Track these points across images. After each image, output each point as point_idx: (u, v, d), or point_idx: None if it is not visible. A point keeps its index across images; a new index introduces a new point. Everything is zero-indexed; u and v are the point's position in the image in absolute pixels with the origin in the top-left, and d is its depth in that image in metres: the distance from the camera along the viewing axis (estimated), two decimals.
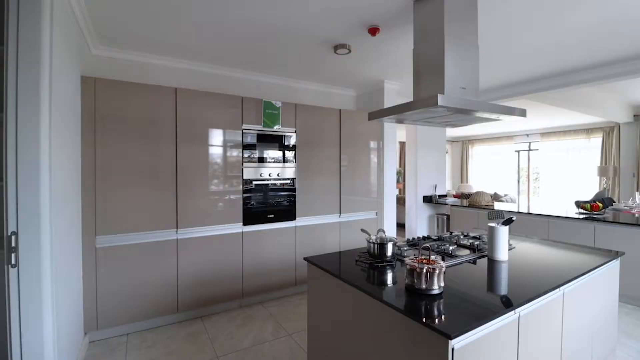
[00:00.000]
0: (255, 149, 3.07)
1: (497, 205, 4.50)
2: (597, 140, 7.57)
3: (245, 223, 3.01)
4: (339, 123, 3.61)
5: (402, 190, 8.23)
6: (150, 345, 2.42)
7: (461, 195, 6.89)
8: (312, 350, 1.82)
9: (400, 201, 6.70)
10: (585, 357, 1.72)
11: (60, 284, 1.78)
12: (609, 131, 7.26)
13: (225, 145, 2.93)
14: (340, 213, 3.61)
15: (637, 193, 4.86)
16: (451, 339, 1.02)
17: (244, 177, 3.00)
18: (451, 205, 4.71)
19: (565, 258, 1.89)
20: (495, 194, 7.24)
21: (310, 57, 3.23)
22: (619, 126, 6.87)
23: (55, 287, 1.67)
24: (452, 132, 9.63)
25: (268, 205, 3.15)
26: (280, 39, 2.79)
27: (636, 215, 3.66)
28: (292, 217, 3.27)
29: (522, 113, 2.07)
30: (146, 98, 2.59)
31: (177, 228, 2.70)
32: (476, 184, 10.24)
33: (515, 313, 1.26)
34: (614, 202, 5.42)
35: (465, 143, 10.70)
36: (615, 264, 1.97)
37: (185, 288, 2.76)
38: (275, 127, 3.19)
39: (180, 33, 2.66)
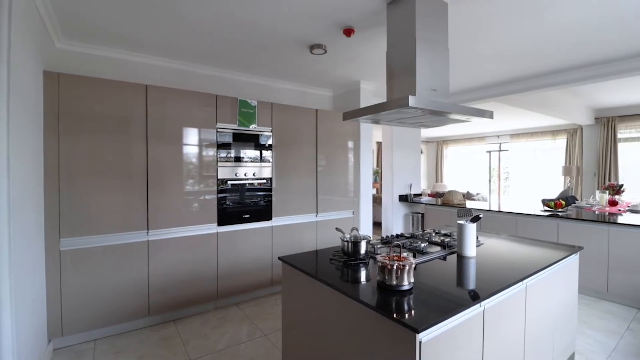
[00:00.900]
0: (230, 149, 3.03)
1: (469, 204, 4.66)
2: (562, 142, 7.99)
3: (220, 223, 2.96)
4: (316, 123, 3.62)
5: (379, 190, 8.36)
6: (120, 351, 2.34)
7: (436, 194, 7.08)
8: (287, 350, 1.82)
9: (377, 200, 6.81)
10: (547, 346, 1.81)
11: (20, 289, 1.69)
12: (573, 133, 7.68)
13: (198, 145, 2.87)
14: (317, 212, 3.63)
15: (597, 191, 5.17)
16: (418, 333, 1.05)
17: (219, 177, 2.96)
18: (425, 204, 4.84)
19: (529, 253, 1.99)
20: (468, 192, 7.49)
21: (286, 56, 3.22)
22: (582, 128, 7.29)
23: (14, 292, 1.58)
24: (427, 132, 9.89)
25: (244, 205, 3.11)
26: (256, 38, 2.77)
27: (596, 212, 3.90)
28: (268, 217, 3.25)
29: (490, 115, 2.16)
30: (115, 95, 2.49)
31: (148, 229, 2.62)
32: (450, 183, 10.56)
33: (480, 306, 1.32)
34: (577, 200, 5.74)
35: (439, 143, 11.00)
36: (574, 258, 2.08)
37: (157, 291, 2.68)
38: (251, 127, 3.16)
39: (152, 30, 2.58)
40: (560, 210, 3.80)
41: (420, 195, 5.40)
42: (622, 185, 4.99)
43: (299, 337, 1.70)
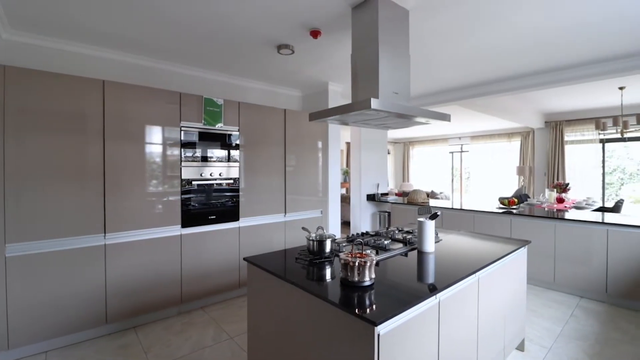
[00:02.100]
0: (195, 148, 2.95)
1: (433, 202, 4.87)
2: (516, 143, 8.56)
3: (185, 225, 2.88)
4: (284, 123, 3.62)
5: (348, 189, 8.49)
6: None
7: (402, 194, 7.32)
8: (253, 351, 1.81)
9: (347, 200, 6.92)
10: (499, 334, 1.95)
11: None
12: (526, 135, 8.25)
13: (161, 144, 2.77)
14: (285, 212, 3.62)
15: (546, 190, 5.59)
16: (376, 326, 1.10)
17: (183, 177, 2.87)
18: (392, 203, 4.99)
19: (483, 247, 2.13)
20: (432, 191, 7.81)
21: (253, 55, 3.20)
22: (534, 131, 7.85)
23: None
24: (394, 133, 10.19)
25: (210, 206, 3.05)
26: (222, 36, 2.72)
27: (546, 209, 4.22)
28: (235, 217, 3.20)
29: (448, 118, 2.28)
30: (68, 90, 2.35)
31: (105, 232, 2.49)
32: (416, 182, 10.95)
33: (436, 298, 1.39)
34: (529, 197, 6.17)
35: (406, 144, 11.37)
36: (523, 251, 2.25)
37: (116, 297, 2.55)
38: (218, 126, 3.10)
39: (107, 21, 2.47)
40: (513, 207, 4.07)
41: (387, 194, 5.55)
42: (568, 184, 5.44)
43: (265, 338, 1.70)
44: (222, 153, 3.13)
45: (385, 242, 2.08)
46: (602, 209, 5.39)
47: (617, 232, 3.03)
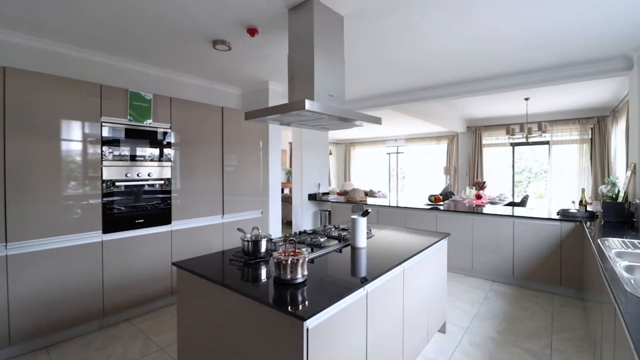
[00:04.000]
0: (119, 146, 2.71)
1: (371, 200, 5.12)
2: (444, 146, 9.39)
3: (107, 230, 2.63)
4: (222, 121, 3.51)
5: (292, 189, 8.51)
6: None
7: (344, 193, 7.56)
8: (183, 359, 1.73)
9: (289, 200, 6.93)
10: (423, 319, 2.13)
11: None
12: (452, 139, 9.10)
13: (79, 140, 2.49)
14: (223, 214, 3.51)
15: (467, 187, 6.23)
16: (305, 320, 1.13)
17: (105, 178, 2.62)
18: (332, 202, 5.13)
19: (410, 241, 2.30)
20: (371, 190, 8.19)
21: (186, 49, 3.04)
22: (458, 135, 8.69)
23: None
24: (335, 135, 10.48)
25: (138, 209, 2.82)
26: (150, 26, 2.55)
27: (467, 204, 4.70)
28: (167, 220, 3.01)
29: (379, 121, 2.42)
30: None
31: (6, 242, 2.16)
32: (357, 182, 11.39)
33: (364, 290, 1.48)
34: (454, 194, 6.81)
35: (347, 145, 11.77)
36: (443, 243, 2.49)
37: (22, 314, 2.23)
38: (146, 122, 2.88)
39: (16, 2, 2.15)
40: (439, 203, 4.47)
41: (328, 193, 5.69)
42: (485, 182, 6.12)
43: (197, 344, 1.64)
44: (152, 152, 2.93)
45: (321, 239, 2.14)
46: (512, 204, 6.19)
47: (521, 224, 3.51)
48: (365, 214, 2.08)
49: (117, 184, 2.69)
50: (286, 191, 8.61)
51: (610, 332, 1.46)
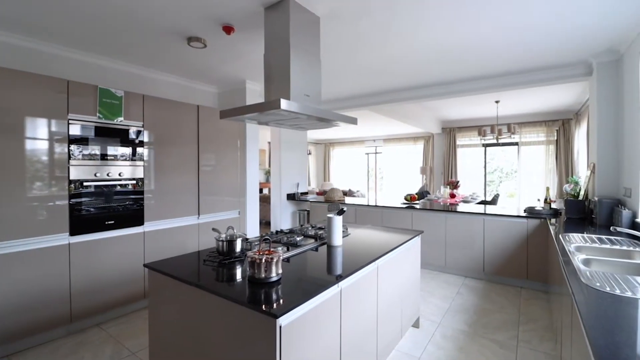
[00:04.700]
0: (88, 144, 2.61)
1: (349, 200, 5.17)
2: (420, 146, 9.63)
3: (74, 232, 2.52)
4: (197, 120, 3.44)
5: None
6: None
7: (323, 192, 7.59)
8: None
9: (268, 199, 6.89)
10: (397, 314, 2.18)
11: None
12: (428, 139, 9.34)
13: (44, 139, 2.38)
14: (199, 214, 3.45)
15: (441, 186, 6.41)
16: (277, 318, 1.14)
17: (73, 178, 2.51)
18: (311, 201, 5.15)
19: (384, 239, 2.35)
20: (350, 190, 8.28)
21: (160, 45, 2.97)
22: (433, 136, 8.92)
23: None
24: (314, 135, 10.51)
25: (108, 210, 2.72)
26: (121, 18, 2.46)
27: (441, 203, 4.84)
28: (139, 221, 2.92)
29: (354, 121, 2.45)
30: None
31: None
32: (336, 182, 11.47)
33: (337, 287, 1.50)
34: (429, 193, 6.99)
35: (327, 145, 11.83)
36: (417, 240, 2.56)
37: None
38: (117, 120, 2.79)
39: None
40: (415, 202, 4.58)
41: (306, 193, 5.70)
42: (458, 181, 6.33)
43: (168, 347, 1.61)
44: (124, 151, 2.84)
45: (298, 238, 2.15)
46: (484, 202, 6.43)
47: (491, 221, 3.66)
48: (340, 212, 2.11)
49: (85, 184, 2.59)
50: (265, 191, 8.55)
51: (569, 322, 1.56)
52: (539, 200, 4.04)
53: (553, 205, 3.67)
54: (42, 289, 2.37)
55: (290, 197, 5.36)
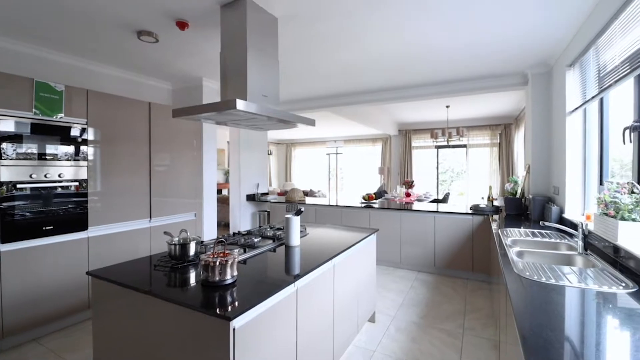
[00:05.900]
0: (22, 142, 2.37)
1: (310, 200, 5.21)
2: (379, 147, 9.95)
3: (6, 240, 2.28)
4: (149, 117, 3.27)
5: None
6: None
7: (284, 193, 7.57)
8: None
9: (227, 200, 6.72)
10: (353, 310, 2.25)
11: None
12: (386, 141, 9.68)
13: None
14: (150, 217, 3.28)
15: (398, 186, 6.69)
16: (231, 320, 1.14)
17: (3, 180, 2.27)
18: (271, 202, 5.11)
19: (342, 237, 2.42)
20: (311, 190, 8.34)
21: (107, 37, 2.79)
22: (391, 137, 9.27)
23: None
24: (276, 135, 10.43)
25: (46, 214, 2.50)
26: (62, 6, 2.28)
27: (398, 202, 5.05)
28: (83, 226, 2.72)
29: (312, 123, 2.49)
30: None
31: None
32: (298, 182, 11.48)
33: (294, 287, 1.52)
34: (387, 193, 7.24)
35: (288, 146, 11.79)
36: (372, 238, 2.66)
37: None
38: (57, 117, 2.57)
39: None
40: (372, 202, 4.74)
41: (267, 194, 5.65)
42: (413, 181, 6.64)
43: (117, 358, 1.52)
44: (65, 150, 2.62)
45: (255, 239, 2.14)
46: (436, 200, 6.81)
47: (441, 218, 3.90)
48: (298, 213, 2.13)
49: (19, 186, 2.36)
50: (224, 192, 8.33)
51: (504, 308, 1.72)
52: (482, 198, 4.38)
53: (495, 203, 3.99)
54: None
55: (250, 197, 5.27)
